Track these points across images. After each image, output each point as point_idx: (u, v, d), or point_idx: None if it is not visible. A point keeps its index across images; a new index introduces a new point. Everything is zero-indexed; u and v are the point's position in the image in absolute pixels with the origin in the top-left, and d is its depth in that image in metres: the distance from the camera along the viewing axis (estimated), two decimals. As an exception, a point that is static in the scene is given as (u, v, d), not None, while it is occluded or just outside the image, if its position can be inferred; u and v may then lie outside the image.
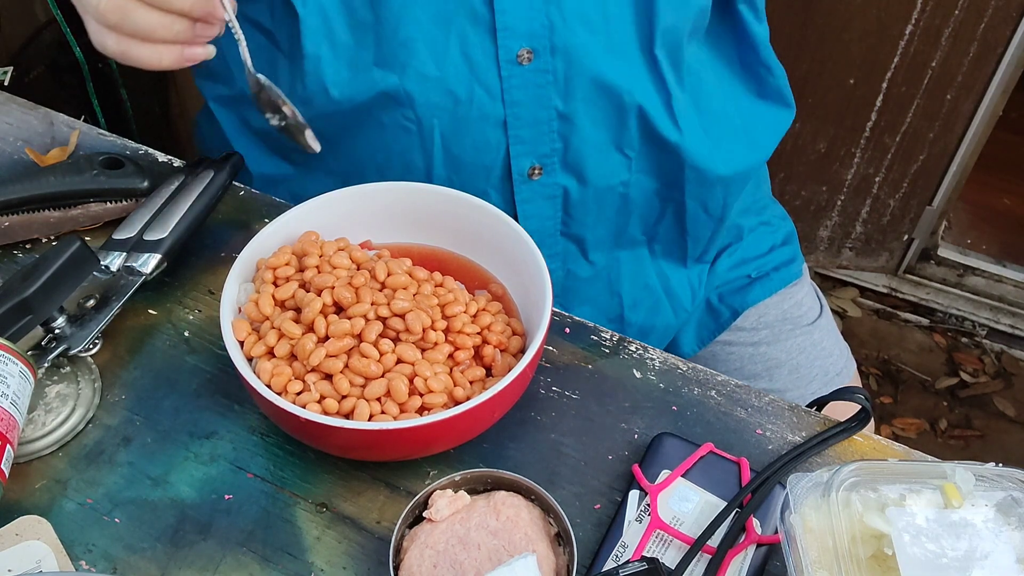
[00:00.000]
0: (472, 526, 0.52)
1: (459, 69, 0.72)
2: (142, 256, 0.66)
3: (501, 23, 0.70)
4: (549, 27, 0.71)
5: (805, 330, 0.90)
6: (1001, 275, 1.83)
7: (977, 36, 1.46)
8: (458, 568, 0.51)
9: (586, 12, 0.71)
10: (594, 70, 0.74)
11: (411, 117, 0.75)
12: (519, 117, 0.75)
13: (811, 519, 0.50)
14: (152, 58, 0.57)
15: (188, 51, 0.58)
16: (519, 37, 0.71)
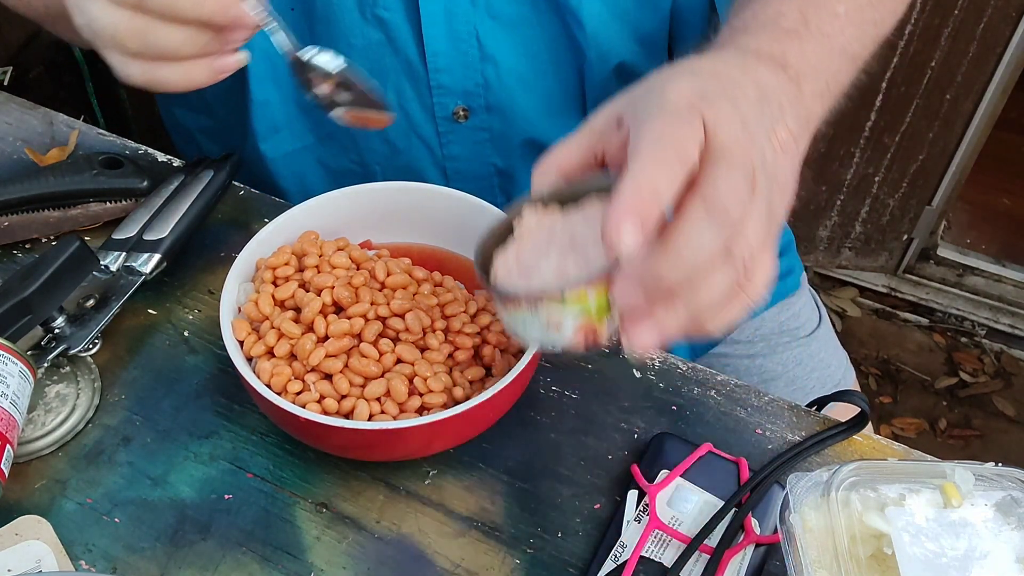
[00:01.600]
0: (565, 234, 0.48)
1: (397, 121, 0.72)
2: (142, 256, 0.66)
3: (435, 81, 0.71)
4: (484, 86, 0.71)
5: (802, 342, 0.89)
6: (1000, 275, 1.83)
7: (976, 36, 1.46)
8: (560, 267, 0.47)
9: (521, 71, 0.71)
10: (529, 129, 0.74)
11: (356, 160, 0.76)
12: (458, 171, 0.76)
13: (810, 519, 0.50)
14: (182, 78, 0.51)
15: (219, 63, 0.52)
16: (454, 95, 0.72)
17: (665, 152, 0.41)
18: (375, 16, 0.68)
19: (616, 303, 0.43)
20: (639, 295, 0.42)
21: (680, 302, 0.42)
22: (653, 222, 0.40)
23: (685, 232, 0.41)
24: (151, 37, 0.49)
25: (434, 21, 0.68)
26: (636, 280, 0.42)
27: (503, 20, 0.69)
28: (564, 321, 0.45)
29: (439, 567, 0.55)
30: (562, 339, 0.46)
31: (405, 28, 0.69)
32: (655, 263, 0.41)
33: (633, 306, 0.42)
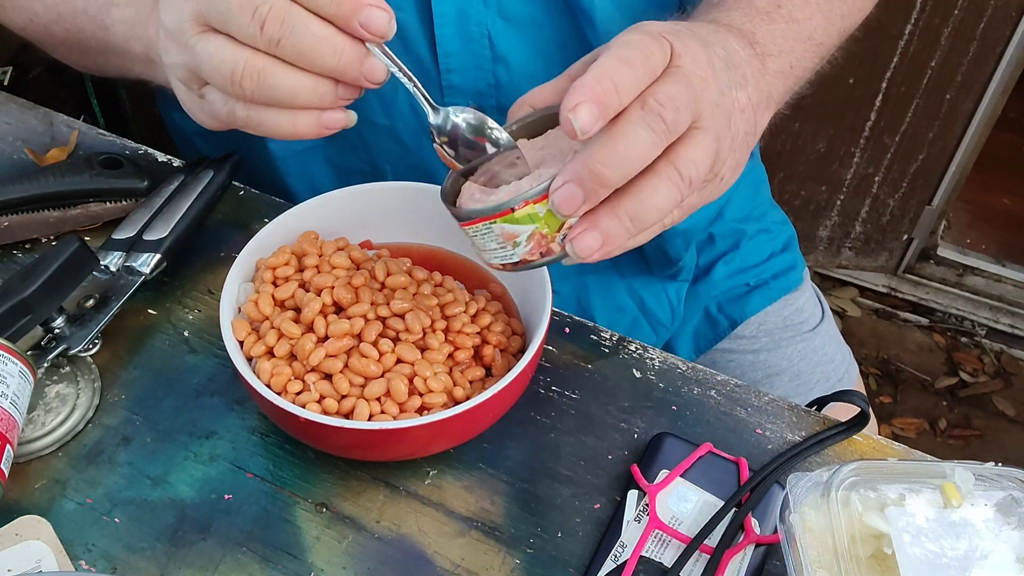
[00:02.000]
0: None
1: (407, 120, 0.72)
2: (142, 256, 0.66)
3: (447, 81, 0.71)
4: (496, 86, 0.71)
5: (806, 336, 0.89)
6: (1000, 275, 1.83)
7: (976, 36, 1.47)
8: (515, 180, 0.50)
9: (533, 71, 0.71)
10: None
11: (365, 159, 0.76)
12: None
13: (810, 519, 0.50)
14: (289, 126, 0.49)
15: (327, 117, 0.49)
16: (465, 95, 0.71)
17: (630, 53, 0.44)
18: None
19: (557, 206, 0.45)
20: (578, 193, 0.44)
21: (622, 207, 0.45)
22: (610, 111, 0.43)
23: (620, 125, 0.44)
24: (273, 80, 0.47)
25: (446, 21, 0.68)
26: (575, 177, 0.44)
27: (515, 21, 0.69)
28: (518, 235, 0.47)
29: (439, 567, 0.55)
30: (518, 252, 0.48)
31: (417, 28, 0.69)
32: (591, 154, 0.44)
33: (574, 206, 0.45)
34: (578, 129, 0.42)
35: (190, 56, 0.49)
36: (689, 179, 0.45)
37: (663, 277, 0.85)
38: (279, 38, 0.45)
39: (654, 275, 0.85)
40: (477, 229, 0.49)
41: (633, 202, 0.45)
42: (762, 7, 0.57)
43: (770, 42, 0.55)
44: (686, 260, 0.84)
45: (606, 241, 0.45)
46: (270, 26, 0.45)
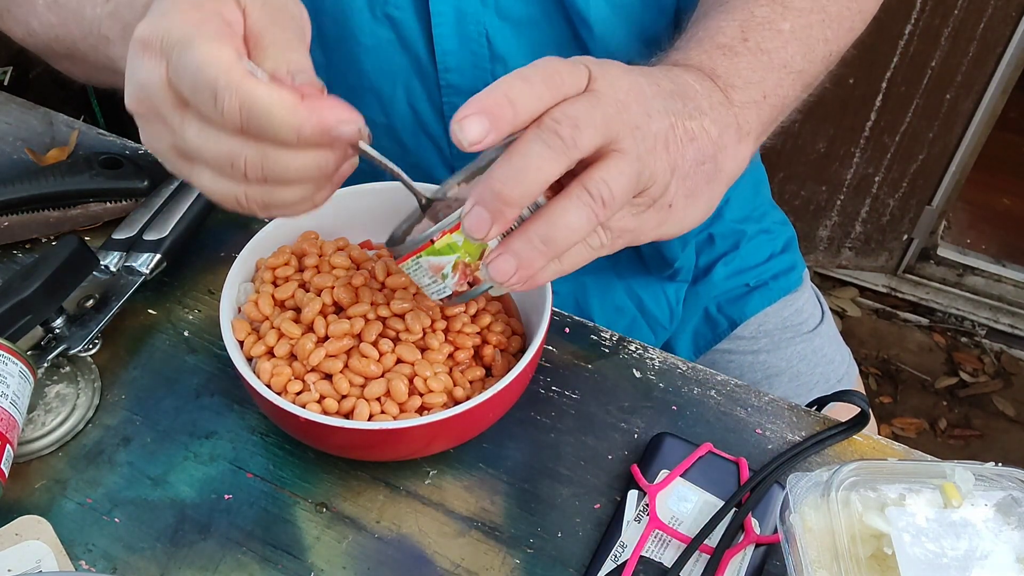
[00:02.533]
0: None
1: (405, 119, 0.73)
2: (142, 256, 0.66)
3: (445, 80, 0.71)
4: None
5: (806, 337, 0.89)
6: (1000, 275, 1.83)
7: (977, 36, 1.47)
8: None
9: None
10: None
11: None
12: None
13: (810, 519, 0.50)
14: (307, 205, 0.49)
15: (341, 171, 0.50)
16: (463, 95, 0.71)
17: (531, 71, 0.44)
18: (385, 15, 0.68)
19: (467, 229, 0.45)
20: (485, 214, 0.44)
21: (532, 229, 0.45)
22: (503, 124, 0.43)
23: (516, 143, 0.44)
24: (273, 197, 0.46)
25: (444, 21, 0.68)
26: (480, 199, 0.44)
27: (513, 20, 0.69)
28: (444, 266, 0.48)
29: (439, 567, 0.55)
30: (448, 284, 0.49)
31: (415, 27, 0.69)
32: (491, 174, 0.44)
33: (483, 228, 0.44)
34: (464, 140, 0.42)
35: (188, 180, 0.48)
36: (601, 198, 0.45)
37: (661, 277, 0.85)
38: (263, 178, 0.45)
39: (652, 275, 0.85)
40: (408, 266, 0.50)
41: (543, 224, 0.45)
42: (724, 43, 0.57)
43: (734, 75, 0.56)
44: (683, 261, 0.83)
45: (521, 264, 0.45)
46: (251, 172, 0.44)
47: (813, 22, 0.61)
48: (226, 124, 0.43)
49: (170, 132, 0.45)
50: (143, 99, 0.45)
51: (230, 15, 0.46)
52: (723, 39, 0.58)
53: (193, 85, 0.42)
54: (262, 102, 0.42)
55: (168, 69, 0.43)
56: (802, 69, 0.60)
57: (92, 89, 1.18)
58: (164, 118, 0.45)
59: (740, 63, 0.56)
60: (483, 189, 0.44)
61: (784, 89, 0.59)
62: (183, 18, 0.44)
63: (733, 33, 0.58)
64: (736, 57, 0.57)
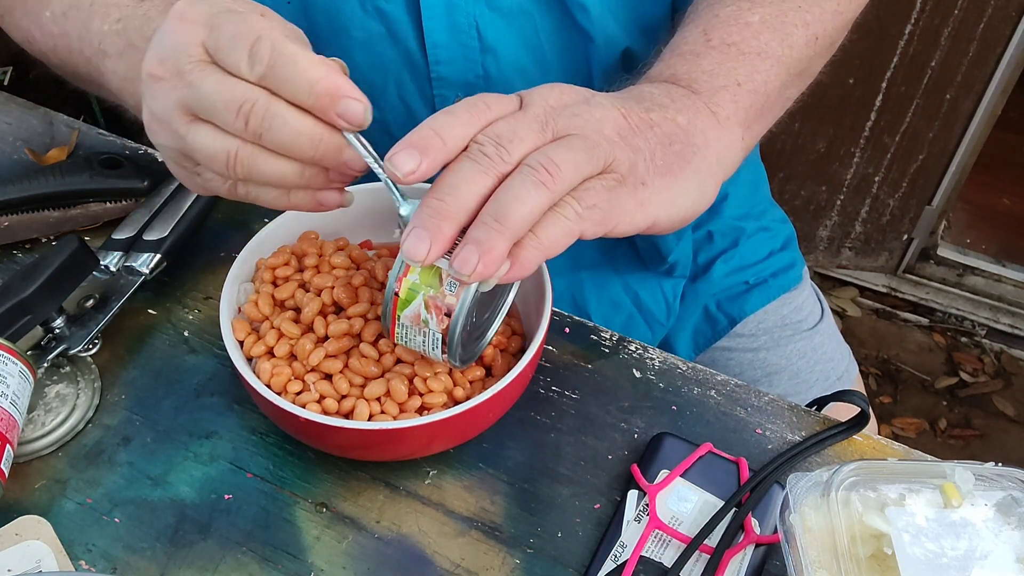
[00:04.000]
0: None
1: (397, 113, 0.73)
2: (141, 256, 0.66)
3: (436, 73, 0.71)
4: (485, 77, 0.72)
5: (805, 335, 0.89)
6: (1000, 275, 1.83)
7: (976, 36, 1.47)
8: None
9: (522, 62, 0.72)
10: None
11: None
12: None
13: (810, 519, 0.50)
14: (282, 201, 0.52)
15: (322, 195, 0.51)
16: (454, 87, 0.72)
17: (456, 107, 0.47)
18: (375, 8, 0.68)
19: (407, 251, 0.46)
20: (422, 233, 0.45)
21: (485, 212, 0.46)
22: (434, 153, 0.46)
23: (449, 166, 0.47)
24: (261, 166, 0.49)
25: (434, 13, 0.68)
26: (417, 221, 0.46)
27: (503, 11, 0.69)
28: (419, 312, 0.49)
29: (439, 567, 0.55)
30: (432, 329, 0.49)
31: (405, 20, 0.69)
32: (425, 197, 0.46)
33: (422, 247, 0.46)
34: (399, 172, 0.45)
35: (181, 143, 0.50)
36: (542, 167, 0.46)
37: (658, 273, 0.85)
38: (261, 132, 0.47)
39: (649, 271, 0.85)
40: (400, 335, 0.51)
41: (492, 204, 0.46)
42: (687, 49, 0.58)
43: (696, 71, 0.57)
44: (678, 255, 0.83)
45: (482, 251, 0.46)
46: (252, 122, 0.47)
47: (787, 9, 0.61)
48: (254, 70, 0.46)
49: (184, 86, 0.48)
50: (166, 59, 0.48)
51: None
52: (685, 47, 0.59)
53: (234, 35, 0.46)
54: (291, 50, 0.46)
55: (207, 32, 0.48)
56: (781, 55, 0.60)
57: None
58: (183, 74, 0.48)
59: (703, 62, 0.57)
60: (418, 213, 0.46)
61: (762, 75, 0.58)
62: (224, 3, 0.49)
63: (695, 38, 0.59)
64: (698, 58, 0.58)
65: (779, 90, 0.60)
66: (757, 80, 0.58)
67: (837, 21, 0.65)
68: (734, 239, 0.90)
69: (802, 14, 0.62)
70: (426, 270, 0.48)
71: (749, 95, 0.58)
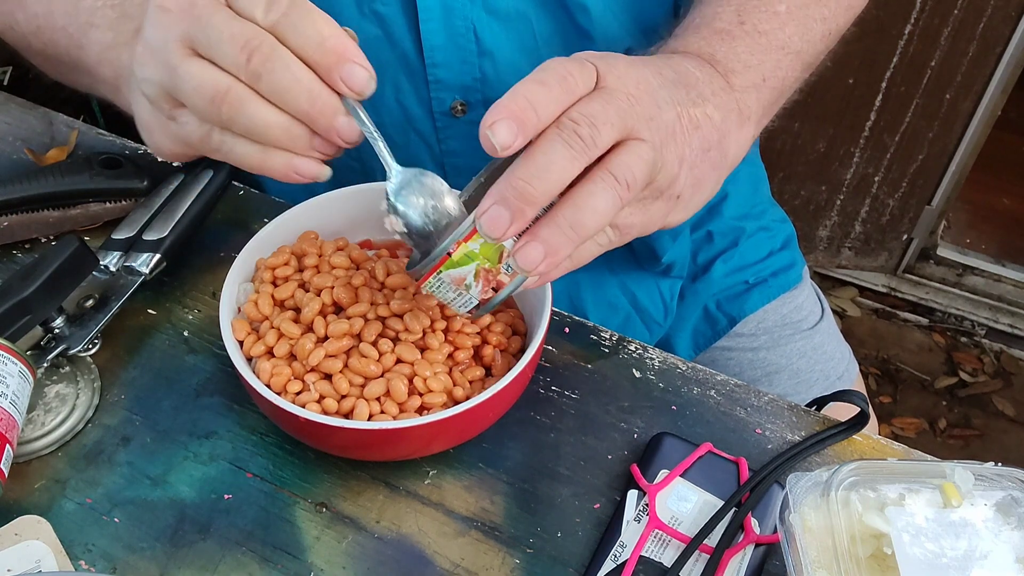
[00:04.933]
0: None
1: (394, 116, 0.73)
2: (141, 256, 0.66)
3: (433, 76, 0.71)
4: (482, 80, 0.72)
5: (805, 334, 0.89)
6: (1000, 274, 1.84)
7: (976, 36, 1.47)
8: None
9: (519, 65, 0.71)
10: None
11: (354, 156, 0.76)
12: (457, 166, 0.76)
13: (810, 518, 0.50)
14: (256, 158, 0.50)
15: (298, 161, 0.49)
16: (451, 90, 0.72)
17: (545, 75, 0.46)
18: (372, 11, 0.68)
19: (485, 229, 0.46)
20: (504, 212, 0.45)
21: (560, 215, 0.46)
22: (528, 128, 0.44)
23: (538, 143, 0.45)
24: (249, 108, 0.47)
25: (431, 16, 0.68)
26: (500, 198, 0.45)
27: (500, 14, 0.69)
28: (466, 277, 0.49)
29: (439, 567, 0.55)
30: (473, 294, 0.49)
31: (402, 22, 0.69)
32: (512, 173, 0.45)
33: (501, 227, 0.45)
34: (497, 145, 0.44)
35: (169, 76, 0.49)
36: (625, 182, 0.46)
37: (655, 273, 0.85)
38: (261, 73, 0.46)
39: (646, 271, 0.85)
40: (430, 284, 0.50)
41: (570, 209, 0.46)
42: (721, 27, 0.58)
43: (733, 59, 0.56)
44: (674, 255, 0.83)
45: (549, 252, 0.46)
46: (255, 60, 0.46)
47: (809, 1, 0.62)
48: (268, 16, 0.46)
49: (191, 21, 0.47)
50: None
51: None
52: (720, 24, 0.58)
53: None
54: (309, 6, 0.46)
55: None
56: (800, 49, 0.60)
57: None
58: (195, 7, 0.47)
59: (738, 46, 0.57)
60: (503, 187, 0.45)
61: (783, 71, 0.59)
62: None
63: (729, 18, 0.58)
64: (734, 41, 0.57)
65: (792, 84, 0.61)
66: (778, 76, 0.58)
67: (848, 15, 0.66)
68: (734, 239, 0.90)
69: (820, 8, 0.62)
70: (489, 243, 0.48)
71: (770, 91, 0.58)
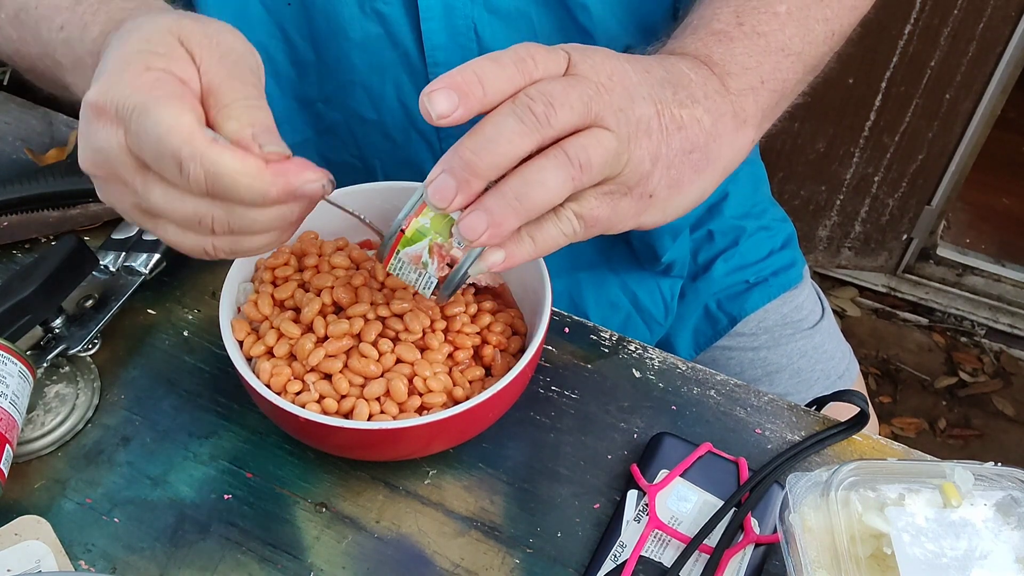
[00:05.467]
0: None
1: (396, 115, 0.73)
2: (141, 256, 0.66)
3: (434, 75, 0.71)
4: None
5: (806, 334, 0.89)
6: (1000, 274, 1.84)
7: (976, 36, 1.47)
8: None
9: None
10: None
11: (355, 154, 0.76)
12: None
13: (810, 518, 0.50)
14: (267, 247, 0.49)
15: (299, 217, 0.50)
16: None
17: (502, 54, 0.45)
18: (374, 10, 0.68)
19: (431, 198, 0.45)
20: (450, 181, 0.44)
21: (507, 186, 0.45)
22: (472, 102, 0.43)
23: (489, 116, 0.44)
24: (244, 245, 0.47)
25: (432, 15, 0.68)
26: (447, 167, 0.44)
27: (501, 13, 0.69)
28: (421, 254, 0.48)
29: (439, 567, 0.55)
30: (430, 272, 0.49)
31: (403, 22, 0.69)
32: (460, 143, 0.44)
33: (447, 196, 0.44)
34: (433, 112, 0.43)
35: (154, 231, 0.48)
36: (579, 163, 0.45)
37: (655, 272, 0.85)
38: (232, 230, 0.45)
39: (646, 270, 0.85)
40: (393, 266, 0.50)
41: (518, 181, 0.45)
42: (719, 28, 0.57)
43: (730, 61, 0.55)
44: (674, 254, 0.83)
45: (492, 222, 0.45)
46: (219, 230, 0.45)
47: (810, 2, 0.61)
48: (192, 190, 0.43)
49: (132, 193, 0.46)
50: (101, 163, 0.45)
51: (184, 72, 0.45)
52: (718, 25, 0.57)
53: (156, 154, 0.42)
54: (228, 170, 0.42)
55: (127, 136, 0.43)
56: (801, 51, 0.59)
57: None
58: (124, 181, 0.45)
59: (736, 48, 0.56)
60: (451, 157, 0.44)
61: (783, 72, 0.58)
62: (135, 82, 0.43)
63: (728, 19, 0.58)
64: (732, 42, 0.56)
65: (794, 87, 0.60)
66: (778, 78, 0.58)
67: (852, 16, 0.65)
68: (734, 238, 0.90)
69: (823, 8, 0.61)
70: (438, 217, 0.47)
71: (769, 94, 0.57)
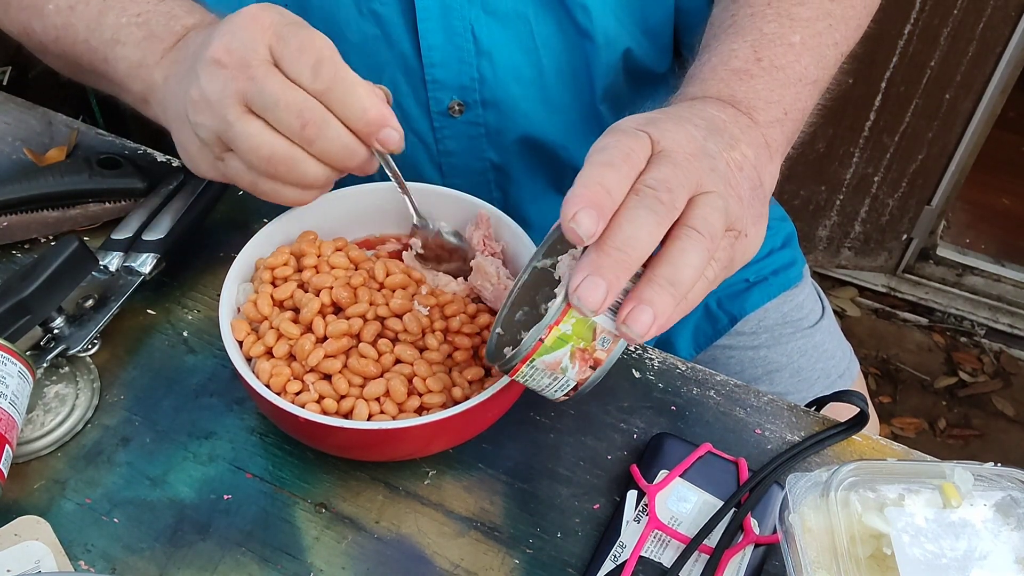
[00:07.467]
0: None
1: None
2: (141, 256, 0.66)
3: (430, 76, 0.71)
4: (479, 80, 0.72)
5: (806, 333, 0.89)
6: (1000, 274, 1.84)
7: (976, 36, 1.47)
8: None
9: (518, 67, 0.72)
10: (524, 124, 0.75)
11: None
12: (454, 166, 0.76)
13: (810, 519, 0.50)
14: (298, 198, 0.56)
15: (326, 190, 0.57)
16: (449, 90, 0.72)
17: (610, 155, 0.46)
18: (370, 11, 0.69)
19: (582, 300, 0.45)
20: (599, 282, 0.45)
21: (658, 275, 0.46)
22: (607, 211, 0.45)
23: (622, 213, 0.46)
24: (302, 168, 0.53)
25: (429, 16, 0.68)
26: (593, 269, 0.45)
27: (498, 15, 0.69)
28: (561, 360, 0.48)
29: (438, 567, 0.55)
30: (570, 376, 0.49)
31: (400, 22, 0.69)
32: (601, 244, 0.45)
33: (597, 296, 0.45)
34: (583, 235, 0.44)
35: (226, 128, 0.53)
36: (709, 233, 0.47)
37: None
38: (314, 140, 0.52)
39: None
40: (523, 374, 0.49)
41: (667, 267, 0.46)
42: (738, 67, 0.58)
43: (754, 97, 0.57)
44: None
45: (657, 313, 0.46)
46: (309, 129, 0.51)
47: (821, 29, 0.62)
48: (315, 84, 0.51)
49: (246, 80, 0.51)
50: (235, 50, 0.52)
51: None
52: (737, 63, 0.59)
53: (299, 48, 0.51)
54: (351, 79, 0.52)
55: (275, 40, 0.52)
56: (817, 78, 0.61)
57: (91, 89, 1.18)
58: (249, 68, 0.51)
59: (757, 84, 0.57)
60: (596, 259, 0.45)
61: (802, 102, 0.60)
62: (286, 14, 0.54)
63: (746, 55, 0.59)
64: (752, 79, 0.58)
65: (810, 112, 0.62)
66: (798, 108, 0.59)
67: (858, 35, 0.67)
68: None
69: (832, 33, 0.63)
70: (580, 322, 0.47)
71: (792, 123, 0.59)
